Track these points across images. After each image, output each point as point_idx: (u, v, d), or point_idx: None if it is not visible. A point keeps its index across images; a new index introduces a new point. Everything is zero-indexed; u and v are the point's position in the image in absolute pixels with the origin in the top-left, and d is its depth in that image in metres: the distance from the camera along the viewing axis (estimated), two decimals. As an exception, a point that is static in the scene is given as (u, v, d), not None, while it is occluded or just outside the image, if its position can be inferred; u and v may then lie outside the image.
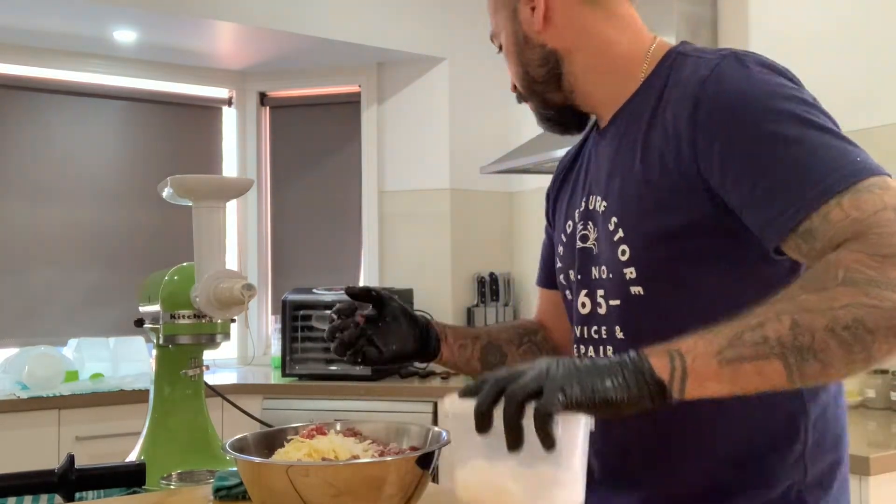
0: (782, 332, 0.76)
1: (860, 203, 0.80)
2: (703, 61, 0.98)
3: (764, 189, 0.87)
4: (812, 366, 0.76)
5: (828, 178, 0.83)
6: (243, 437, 1.08)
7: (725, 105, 0.92)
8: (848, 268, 0.77)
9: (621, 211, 1.02)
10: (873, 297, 0.75)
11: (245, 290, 1.33)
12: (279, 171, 4.09)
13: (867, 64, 2.38)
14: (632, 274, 0.99)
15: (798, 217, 0.83)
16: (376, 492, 0.93)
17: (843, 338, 0.75)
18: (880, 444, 1.87)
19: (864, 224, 0.79)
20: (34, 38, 3.44)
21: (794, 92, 0.93)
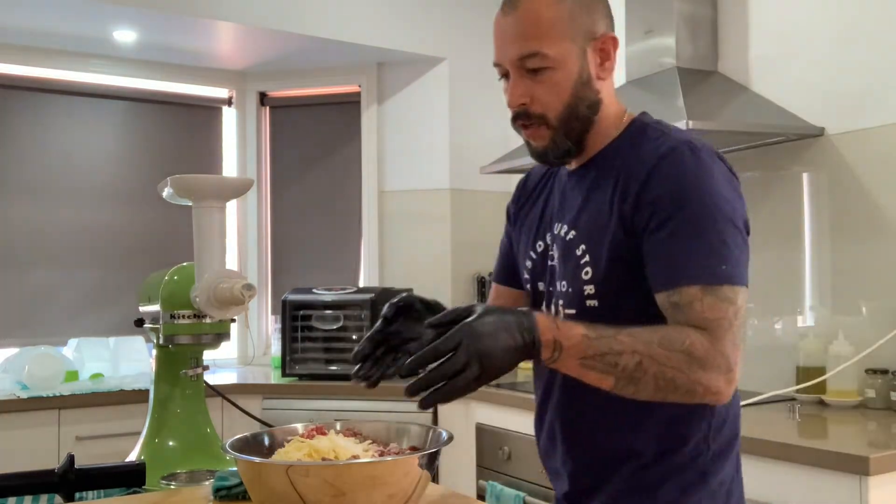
0: (629, 365, 1.06)
1: (714, 308, 1.11)
2: (664, 139, 1.21)
3: (664, 252, 1.15)
4: (629, 388, 1.08)
5: (704, 270, 1.12)
6: (243, 436, 1.08)
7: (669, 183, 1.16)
8: (692, 344, 1.08)
9: (588, 242, 1.23)
10: (691, 369, 1.07)
11: (245, 290, 1.33)
12: (279, 171, 4.09)
13: (867, 64, 2.38)
14: (591, 290, 1.22)
15: (672, 287, 1.13)
16: (376, 492, 0.93)
17: (659, 385, 1.07)
18: (880, 444, 1.87)
19: (709, 324, 1.11)
20: (34, 38, 3.44)
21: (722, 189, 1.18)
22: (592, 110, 1.24)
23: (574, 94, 1.21)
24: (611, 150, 1.26)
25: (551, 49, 1.19)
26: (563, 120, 1.22)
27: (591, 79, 1.23)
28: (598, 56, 1.24)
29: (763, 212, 2.64)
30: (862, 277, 2.38)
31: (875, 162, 2.36)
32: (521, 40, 1.20)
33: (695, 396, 1.10)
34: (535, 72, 1.20)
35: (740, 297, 1.12)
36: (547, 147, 1.25)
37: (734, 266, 1.13)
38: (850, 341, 2.27)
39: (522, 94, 1.21)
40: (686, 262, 1.13)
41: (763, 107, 2.56)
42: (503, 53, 1.23)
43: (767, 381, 2.49)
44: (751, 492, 1.91)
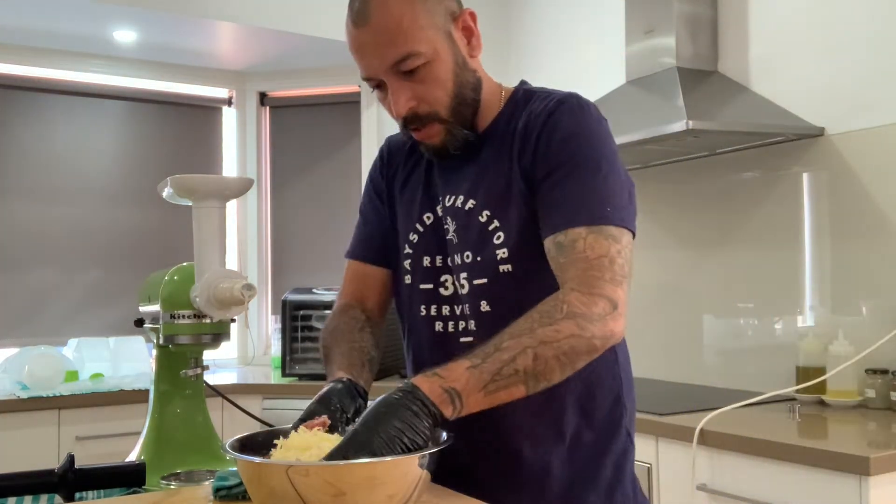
0: (528, 364, 1.03)
1: (595, 245, 1.11)
2: (553, 97, 1.22)
3: (554, 198, 1.15)
4: (541, 384, 1.05)
5: (590, 212, 1.12)
6: (243, 436, 1.08)
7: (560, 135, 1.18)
8: (569, 304, 1.07)
9: (493, 207, 1.22)
10: (581, 328, 1.06)
11: (245, 290, 1.33)
12: (279, 171, 4.09)
13: (867, 64, 2.38)
14: (504, 254, 1.20)
15: (555, 230, 1.14)
16: (376, 492, 0.93)
17: (562, 361, 1.05)
18: (880, 444, 1.87)
19: (588, 263, 1.10)
20: (34, 38, 3.44)
21: (607, 139, 1.19)
22: (476, 91, 1.23)
23: (457, 82, 1.20)
24: (501, 121, 1.26)
25: (421, 45, 1.15)
26: (454, 110, 1.21)
27: (465, 60, 1.21)
28: (463, 35, 1.22)
29: (763, 212, 2.64)
30: (862, 277, 2.38)
31: (875, 162, 2.36)
32: (387, 47, 1.15)
33: (596, 350, 1.09)
34: (411, 72, 1.17)
35: (625, 239, 1.13)
36: (445, 141, 1.23)
37: (619, 208, 1.14)
38: (850, 341, 2.27)
39: (408, 99, 1.18)
40: (574, 204, 1.14)
41: (763, 107, 2.56)
42: (371, 66, 1.18)
43: (767, 381, 2.49)
44: (751, 492, 1.92)
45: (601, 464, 1.24)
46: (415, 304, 1.32)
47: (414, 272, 1.31)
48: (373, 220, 1.40)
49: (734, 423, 2.03)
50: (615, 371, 1.27)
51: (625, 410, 1.27)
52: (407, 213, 1.34)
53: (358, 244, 1.42)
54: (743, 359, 2.71)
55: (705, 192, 2.82)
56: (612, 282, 1.10)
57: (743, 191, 2.71)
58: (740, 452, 1.94)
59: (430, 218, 1.30)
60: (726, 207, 2.76)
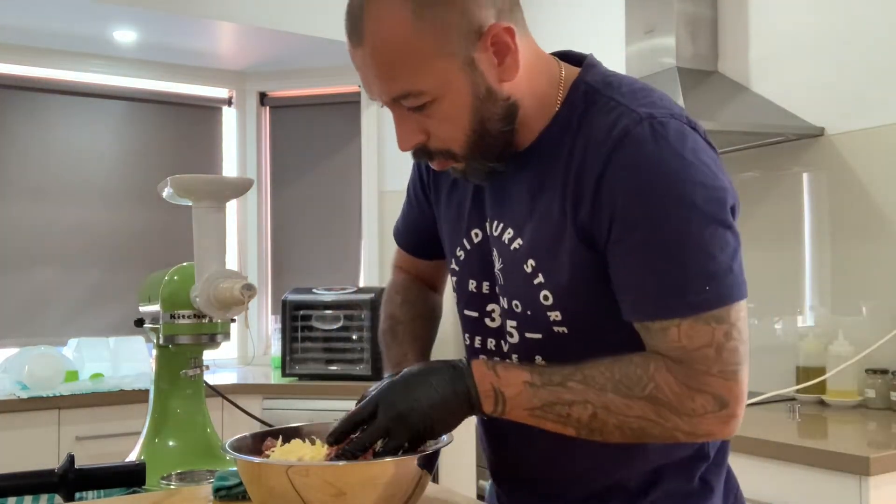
0: (583, 417, 0.94)
1: (693, 334, 0.91)
2: (618, 114, 0.94)
3: (630, 278, 0.94)
4: (594, 437, 0.95)
5: (680, 299, 0.91)
6: (243, 436, 1.08)
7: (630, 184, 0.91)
8: (657, 386, 0.92)
9: (540, 258, 1.00)
10: (661, 416, 0.92)
11: (245, 290, 1.33)
12: (279, 171, 4.09)
13: (867, 64, 2.38)
14: (557, 317, 1.01)
15: (642, 320, 0.94)
16: (376, 492, 0.93)
17: (626, 434, 0.94)
18: (880, 444, 1.87)
19: (687, 356, 0.91)
20: (34, 38, 3.44)
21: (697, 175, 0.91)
22: (508, 121, 0.97)
23: (476, 118, 0.95)
24: (555, 131, 0.99)
25: (423, 82, 0.92)
26: (473, 147, 0.97)
27: (491, 89, 0.94)
28: (493, 56, 0.94)
29: (763, 212, 2.64)
30: (862, 277, 2.38)
31: (875, 162, 2.35)
32: (383, 81, 0.94)
33: (677, 440, 0.95)
34: (418, 108, 0.95)
35: (733, 314, 0.91)
36: (465, 172, 1.02)
37: (721, 283, 0.91)
38: (850, 341, 2.27)
39: (414, 134, 0.97)
40: (660, 289, 0.91)
41: (763, 107, 2.56)
42: (371, 90, 0.98)
43: (767, 381, 2.49)
44: (751, 492, 1.91)
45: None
46: (465, 330, 1.17)
47: (460, 294, 1.14)
48: (414, 208, 1.25)
49: (734, 423, 2.03)
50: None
51: (705, 461, 1.09)
52: (455, 222, 1.13)
53: (402, 230, 1.30)
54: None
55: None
56: (721, 375, 0.91)
57: (743, 191, 2.71)
58: (740, 452, 1.94)
59: (478, 235, 1.10)
60: (726, 207, 2.75)
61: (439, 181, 1.17)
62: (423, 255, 1.29)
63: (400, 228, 1.31)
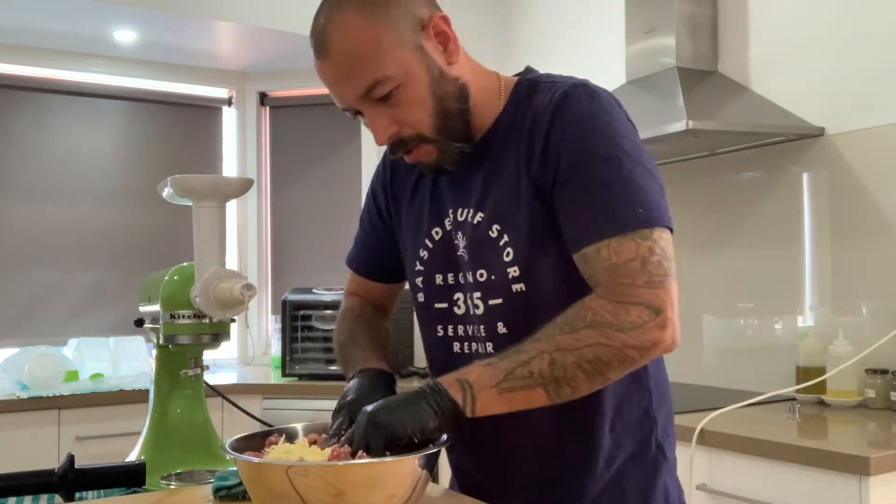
0: (543, 367, 0.99)
1: (620, 250, 1.01)
2: (557, 87, 1.11)
3: (574, 210, 1.06)
4: (565, 390, 1.01)
5: (611, 222, 1.02)
6: (243, 436, 1.08)
7: (570, 133, 1.07)
8: (594, 312, 1.00)
9: (502, 219, 1.13)
10: (607, 337, 0.99)
11: (245, 290, 1.33)
12: (279, 171, 4.09)
13: (867, 64, 2.38)
14: (515, 272, 1.11)
15: (581, 245, 1.05)
16: (377, 492, 0.93)
17: (586, 370, 1.00)
18: (880, 444, 1.87)
19: (616, 272, 1.01)
20: (34, 38, 3.44)
21: (624, 129, 1.08)
22: (462, 100, 1.13)
23: (436, 97, 1.10)
24: (504, 120, 1.15)
25: (387, 68, 1.06)
26: (440, 127, 1.11)
27: (442, 71, 1.10)
28: (437, 43, 1.10)
29: (763, 212, 2.64)
30: (862, 277, 2.38)
31: (875, 162, 2.36)
32: (353, 78, 1.07)
33: (635, 361, 1.01)
34: (386, 98, 1.08)
35: (656, 234, 1.02)
36: (439, 160, 1.14)
37: (648, 208, 1.03)
38: (850, 341, 2.27)
39: (386, 126, 1.10)
40: (597, 213, 1.03)
41: (763, 107, 2.56)
42: (343, 98, 1.11)
43: (767, 381, 2.49)
44: (751, 492, 1.91)
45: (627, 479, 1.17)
46: (431, 323, 1.26)
47: (427, 290, 1.25)
48: (370, 233, 1.37)
49: (734, 423, 2.03)
50: (644, 383, 1.18)
51: (655, 424, 1.18)
52: (415, 227, 1.26)
53: (357, 256, 1.41)
54: (743, 359, 2.71)
55: (705, 192, 2.82)
56: (648, 285, 1.00)
57: (743, 191, 2.71)
58: (740, 452, 1.94)
59: (438, 233, 1.22)
60: (726, 207, 2.76)
61: (399, 198, 1.30)
62: (376, 277, 1.39)
63: (354, 255, 1.41)
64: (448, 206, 1.21)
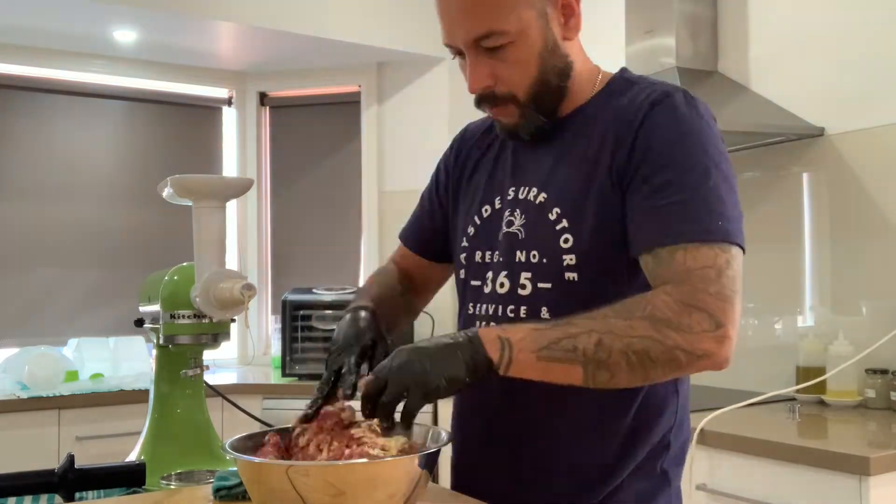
0: (588, 346, 0.96)
1: (698, 255, 0.99)
2: (657, 87, 1.11)
3: (654, 208, 1.03)
4: (603, 374, 0.97)
5: (693, 226, 1.00)
6: (243, 436, 1.08)
7: (665, 133, 1.06)
8: (655, 306, 0.97)
9: (566, 202, 1.10)
10: (662, 334, 0.95)
11: (245, 290, 1.33)
12: (279, 171, 4.09)
13: (867, 64, 2.38)
14: (571, 260, 1.09)
15: (654, 245, 1.02)
16: (377, 492, 0.93)
17: (631, 360, 0.96)
18: (880, 444, 1.87)
19: (689, 275, 0.98)
20: (34, 38, 3.44)
21: (717, 142, 1.07)
22: (563, 78, 1.12)
23: (542, 66, 1.09)
24: (589, 108, 1.14)
25: (507, 23, 1.05)
26: (534, 95, 1.11)
27: (557, 43, 1.10)
28: (561, 14, 1.10)
29: (763, 212, 2.64)
30: (862, 277, 2.38)
31: (875, 162, 2.36)
32: (471, 19, 1.06)
33: (682, 366, 0.97)
34: (493, 50, 1.07)
35: (734, 252, 1.01)
36: (517, 124, 1.14)
37: (731, 223, 1.02)
38: (850, 341, 2.27)
39: (485, 77, 1.10)
40: (679, 216, 1.01)
41: (763, 107, 2.56)
42: (453, 35, 1.09)
43: (767, 381, 2.49)
44: (751, 492, 1.91)
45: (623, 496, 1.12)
46: (465, 301, 1.25)
47: (468, 267, 1.23)
48: (426, 208, 1.36)
49: (734, 423, 2.03)
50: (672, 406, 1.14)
51: (667, 451, 1.15)
52: (469, 203, 1.25)
53: (409, 228, 1.40)
54: (743, 359, 2.69)
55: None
56: (717, 296, 0.97)
57: (743, 191, 2.70)
58: (740, 452, 1.94)
59: (487, 210, 1.21)
60: (726, 207, 2.75)
61: (459, 177, 1.29)
62: (422, 251, 1.38)
63: (406, 229, 1.41)
64: (508, 183, 1.19)
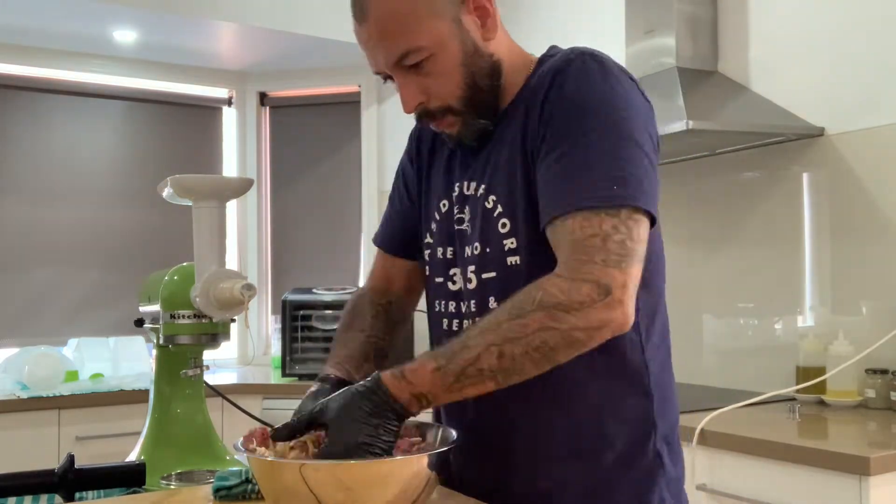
0: (492, 362, 0.97)
1: (585, 224, 0.98)
2: (562, 54, 1.10)
3: (549, 180, 1.03)
4: (514, 378, 0.99)
5: (582, 194, 0.99)
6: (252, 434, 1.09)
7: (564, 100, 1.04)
8: (545, 292, 0.97)
9: (498, 189, 1.11)
10: (556, 319, 0.96)
11: (245, 290, 1.33)
12: (279, 171, 4.09)
13: (867, 64, 2.38)
14: (511, 244, 1.09)
15: (552, 217, 1.01)
16: (387, 490, 0.94)
17: (534, 357, 0.97)
18: (880, 444, 1.87)
19: (576, 246, 0.98)
20: (34, 38, 3.44)
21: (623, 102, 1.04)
22: (494, 77, 1.13)
23: (467, 71, 1.10)
24: (521, 95, 1.14)
25: (420, 38, 1.07)
26: (468, 100, 1.11)
27: (477, 46, 1.10)
28: (475, 18, 1.10)
29: (763, 212, 2.64)
30: (862, 277, 2.38)
31: (875, 162, 2.36)
32: (387, 42, 1.08)
33: (585, 343, 0.98)
34: (416, 67, 1.09)
35: (624, 214, 0.98)
36: (460, 132, 1.14)
37: (625, 187, 0.99)
38: (850, 341, 2.26)
39: (415, 94, 1.11)
40: (571, 185, 1.00)
41: (763, 107, 2.56)
42: (376, 61, 1.11)
43: (767, 381, 2.49)
44: (751, 492, 1.91)
45: (618, 487, 1.11)
46: (431, 299, 1.26)
47: (432, 265, 1.24)
48: (396, 207, 1.35)
49: (734, 423, 2.03)
50: (644, 384, 1.13)
51: (654, 430, 1.12)
52: (429, 202, 1.26)
53: (382, 231, 1.39)
54: (743, 359, 2.71)
55: (705, 192, 2.82)
56: (603, 263, 0.97)
57: (743, 191, 2.71)
58: (740, 452, 1.94)
59: (445, 206, 1.22)
60: (726, 207, 2.76)
61: (421, 170, 1.30)
62: (399, 252, 1.36)
63: (380, 233, 1.40)
64: (455, 179, 1.21)
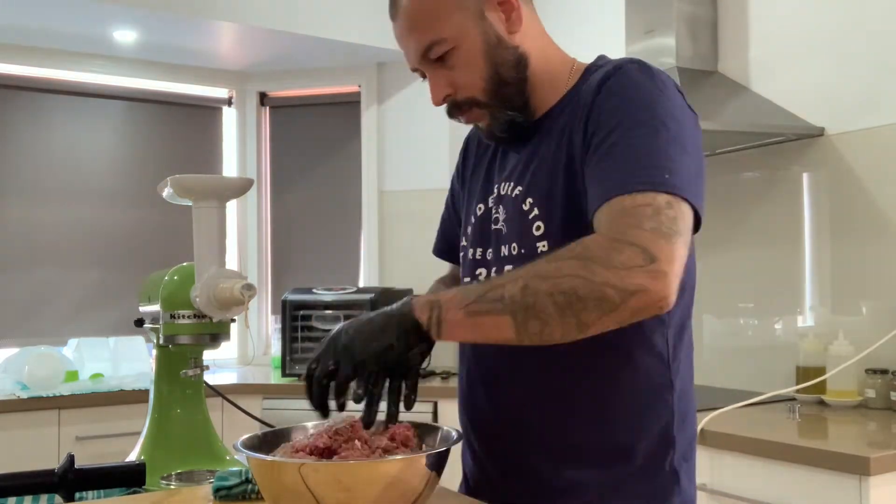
0: (515, 292, 0.92)
1: (638, 198, 0.94)
2: (611, 63, 1.12)
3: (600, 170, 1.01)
4: (533, 323, 0.92)
5: (637, 177, 0.96)
6: (254, 435, 1.09)
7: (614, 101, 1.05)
8: (585, 246, 0.93)
9: (536, 194, 1.12)
10: (589, 270, 0.90)
11: (245, 290, 1.33)
12: (279, 171, 4.09)
13: (867, 64, 2.38)
14: (544, 247, 1.10)
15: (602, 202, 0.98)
16: (387, 490, 0.94)
17: (558, 302, 0.91)
18: (880, 444, 1.87)
19: (624, 213, 0.94)
20: (34, 38, 3.44)
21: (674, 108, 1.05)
22: (519, 69, 1.14)
23: (490, 63, 1.12)
24: (564, 101, 1.15)
25: (443, 31, 1.11)
26: (493, 92, 1.14)
27: (501, 38, 1.13)
28: (500, 13, 1.13)
29: (763, 212, 2.64)
30: (862, 277, 2.38)
31: (875, 162, 2.36)
32: (414, 37, 1.13)
33: (615, 305, 0.89)
34: (441, 60, 1.13)
35: (677, 204, 0.95)
36: (490, 125, 1.17)
37: (678, 179, 0.96)
38: (850, 341, 2.27)
39: (442, 87, 1.15)
40: (621, 173, 0.98)
41: (763, 107, 2.56)
42: (409, 57, 1.17)
43: (767, 381, 2.49)
44: (751, 492, 1.92)
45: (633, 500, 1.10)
46: None
47: (464, 265, 1.27)
48: (452, 217, 1.40)
49: (734, 423, 2.03)
50: (667, 399, 1.11)
51: (672, 448, 1.11)
52: (468, 206, 1.29)
53: (439, 241, 1.46)
54: (743, 359, 2.71)
55: (706, 192, 2.82)
56: (653, 232, 0.91)
57: (743, 191, 2.71)
58: (740, 452, 1.94)
59: (481, 209, 1.24)
60: (726, 207, 2.76)
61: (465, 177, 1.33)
62: (454, 259, 1.40)
63: (437, 243, 1.46)
64: (494, 181, 1.23)
